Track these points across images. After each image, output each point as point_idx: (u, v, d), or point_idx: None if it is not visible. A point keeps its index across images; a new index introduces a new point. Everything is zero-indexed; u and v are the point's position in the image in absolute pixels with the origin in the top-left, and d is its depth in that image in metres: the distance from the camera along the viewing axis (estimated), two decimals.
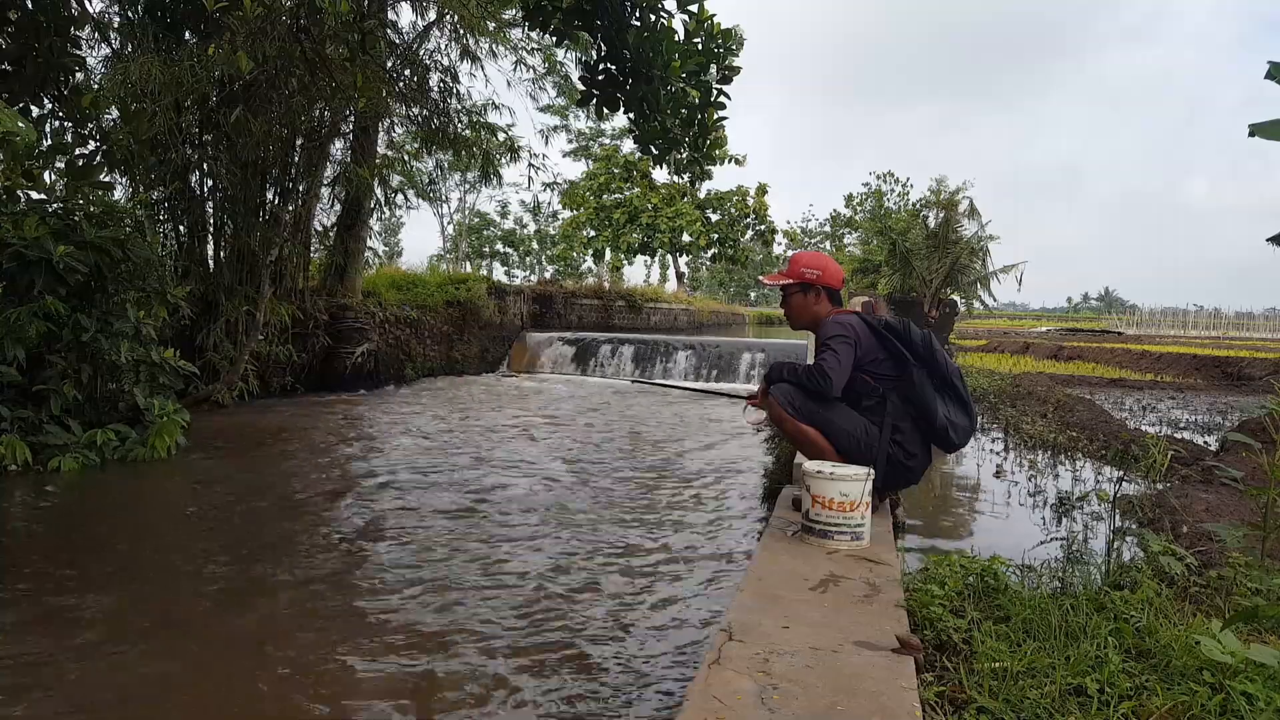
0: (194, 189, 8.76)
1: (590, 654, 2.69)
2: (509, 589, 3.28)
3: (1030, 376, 11.14)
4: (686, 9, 4.83)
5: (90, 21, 8.02)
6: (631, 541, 4.00)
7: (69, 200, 5.69)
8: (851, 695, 1.48)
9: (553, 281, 20.72)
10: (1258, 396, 9.80)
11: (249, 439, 6.73)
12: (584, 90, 5.18)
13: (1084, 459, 5.70)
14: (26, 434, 5.15)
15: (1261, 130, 1.75)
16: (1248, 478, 4.00)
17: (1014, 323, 52.76)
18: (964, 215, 26.15)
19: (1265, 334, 39.94)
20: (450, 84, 10.12)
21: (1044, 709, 1.59)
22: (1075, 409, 7.47)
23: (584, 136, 33.20)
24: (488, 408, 9.03)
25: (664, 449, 6.67)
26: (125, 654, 2.65)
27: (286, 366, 9.61)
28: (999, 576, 2.38)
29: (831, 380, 2.73)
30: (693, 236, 31.09)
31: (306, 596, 3.17)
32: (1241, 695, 1.58)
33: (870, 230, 32.91)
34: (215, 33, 6.66)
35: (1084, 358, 16.69)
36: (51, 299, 5.17)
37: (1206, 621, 1.98)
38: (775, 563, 2.29)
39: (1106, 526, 3.90)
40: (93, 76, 7.87)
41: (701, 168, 6.14)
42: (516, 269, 47.60)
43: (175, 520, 4.40)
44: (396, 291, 12.55)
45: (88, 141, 6.13)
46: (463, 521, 4.26)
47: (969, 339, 27.40)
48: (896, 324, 2.87)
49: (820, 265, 3.00)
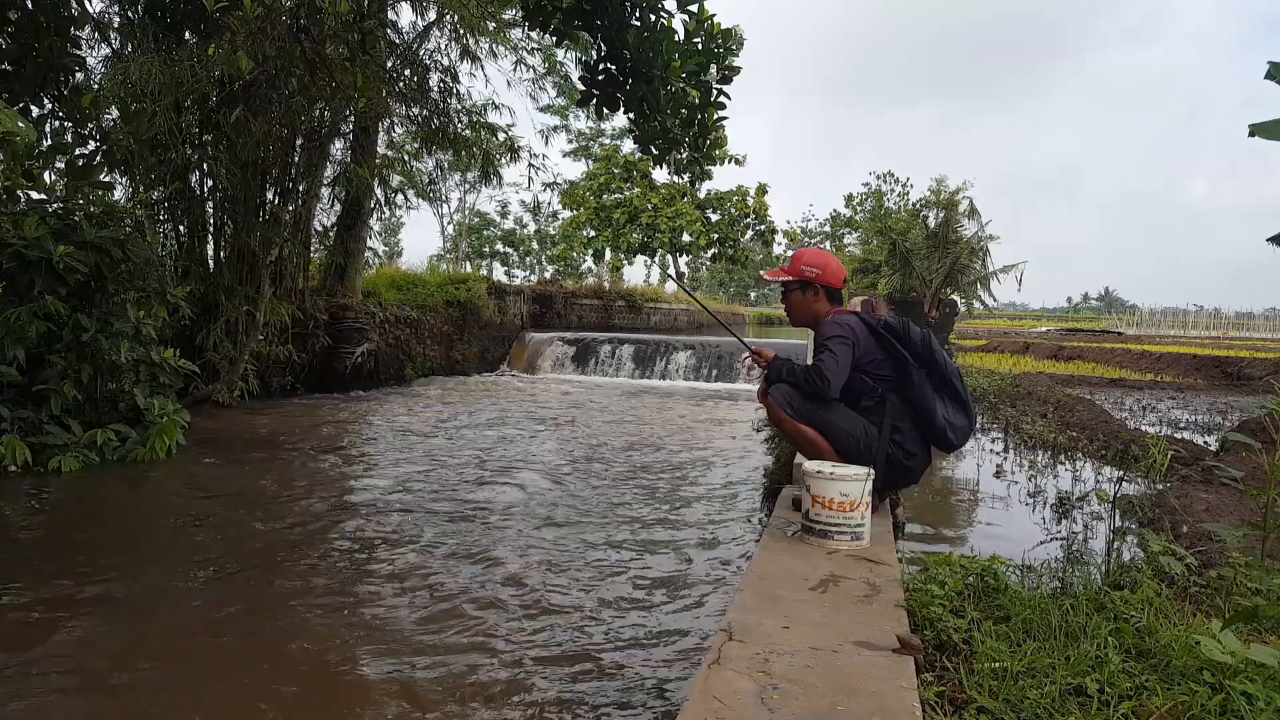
0: (194, 189, 8.76)
1: (590, 654, 2.69)
2: (508, 590, 3.28)
3: (1030, 376, 11.14)
4: (686, 9, 4.83)
5: (90, 21, 8.01)
6: (631, 542, 4.00)
7: (69, 200, 5.69)
8: (851, 695, 1.47)
9: (553, 281, 20.73)
10: (1258, 396, 9.80)
11: (249, 439, 6.73)
12: (584, 90, 5.17)
13: (1084, 459, 5.70)
14: (26, 434, 5.15)
15: (1261, 130, 1.75)
16: (1248, 478, 4.00)
17: (1014, 323, 52.73)
18: (964, 215, 26.15)
19: (1265, 334, 39.93)
20: (450, 84, 10.12)
21: (1044, 709, 1.58)
22: (1075, 409, 7.46)
23: (584, 136, 33.16)
24: (488, 408, 9.02)
25: (664, 449, 6.67)
26: (125, 653, 2.65)
27: (286, 366, 9.61)
28: (999, 576, 2.37)
29: (829, 381, 2.73)
30: (693, 236, 31.07)
31: (307, 598, 3.17)
32: (1241, 695, 1.58)
33: (870, 230, 32.88)
34: (215, 33, 6.65)
35: (1084, 358, 16.68)
36: (51, 299, 5.17)
37: (1206, 621, 1.98)
38: (775, 563, 2.29)
39: (1106, 526, 3.90)
40: (93, 76, 7.87)
41: (701, 168, 6.14)
42: (516, 269, 47.56)
43: (175, 521, 4.39)
44: (396, 291, 12.56)
45: (88, 141, 6.13)
46: (463, 523, 4.26)
47: (969, 339, 27.38)
48: (895, 324, 2.85)
49: (821, 264, 2.99)
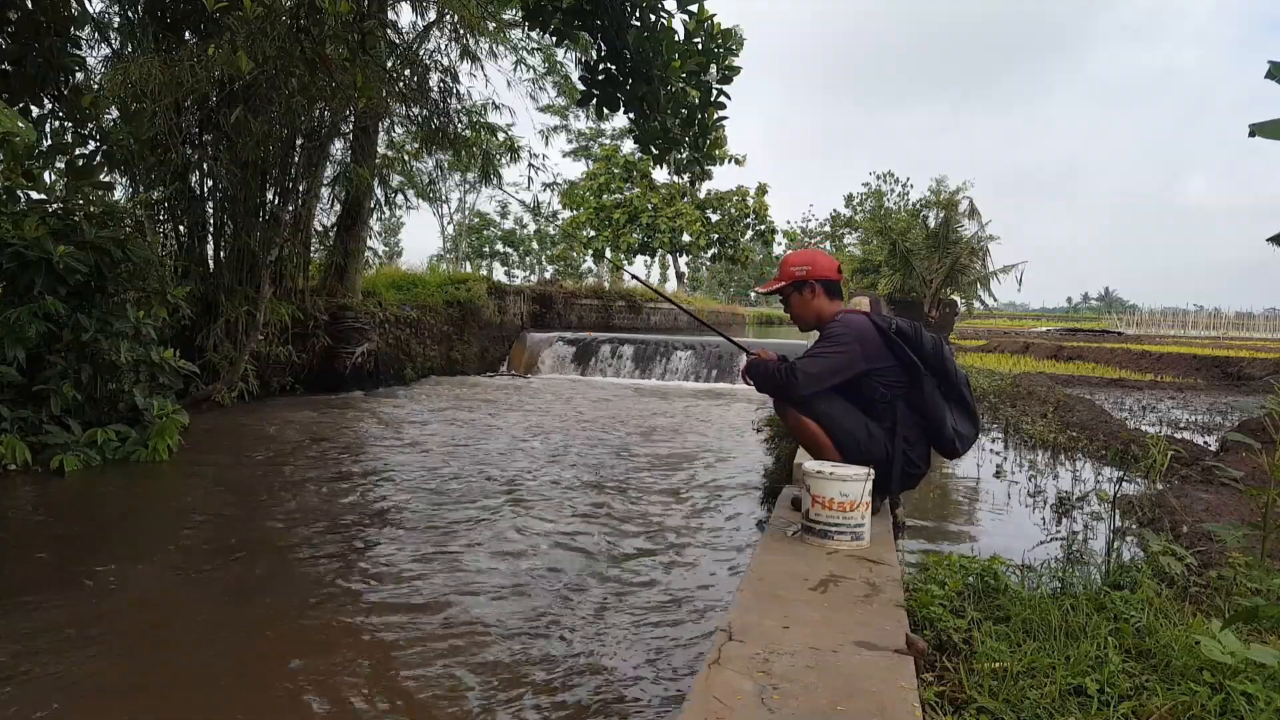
0: (194, 189, 8.75)
1: (590, 654, 2.69)
2: (508, 590, 3.28)
3: (1030, 376, 11.14)
4: (686, 9, 4.83)
5: (90, 21, 8.02)
6: (630, 542, 4.00)
7: (69, 200, 5.69)
8: (852, 695, 1.47)
9: (553, 281, 20.73)
10: (1258, 396, 9.80)
11: (249, 440, 6.73)
12: (584, 90, 5.17)
13: (1084, 459, 5.70)
14: (26, 434, 5.15)
15: (1262, 130, 1.74)
16: (1248, 478, 4.00)
17: (1014, 323, 52.70)
18: (964, 215, 26.19)
19: (1265, 334, 39.90)
20: (450, 84, 10.12)
21: (1044, 709, 1.58)
22: (1075, 409, 7.46)
23: (584, 136, 33.19)
24: (487, 408, 9.02)
25: (663, 449, 6.67)
26: (124, 654, 2.65)
27: (286, 366, 9.60)
28: (999, 576, 2.37)
29: (798, 382, 2.64)
30: (693, 236, 31.10)
31: (306, 598, 3.17)
32: (1241, 695, 1.58)
33: (870, 230, 32.89)
34: (215, 33, 6.65)
35: (1084, 358, 16.68)
36: (51, 299, 5.17)
37: (1206, 621, 1.98)
38: (775, 563, 2.29)
39: (1106, 526, 3.90)
40: (93, 76, 7.86)
41: (701, 168, 6.14)
42: (516, 269, 47.60)
43: (175, 521, 4.39)
44: (396, 291, 12.55)
45: (88, 141, 6.13)
46: (462, 524, 4.26)
47: (969, 339, 27.36)
48: (908, 329, 2.74)
49: (808, 260, 2.89)
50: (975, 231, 26.11)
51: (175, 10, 7.92)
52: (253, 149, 8.10)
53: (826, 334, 2.79)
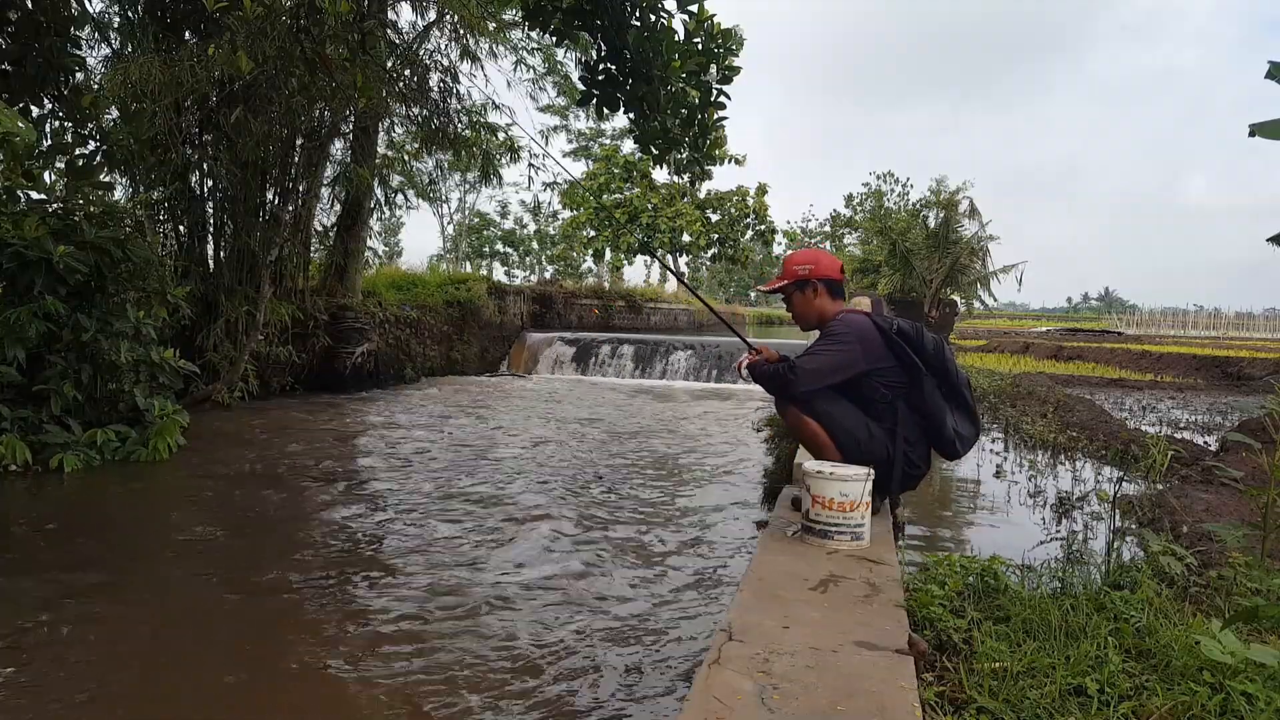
0: (194, 189, 8.76)
1: (590, 654, 2.69)
2: (506, 588, 3.28)
3: (1030, 376, 11.14)
4: (686, 9, 4.82)
5: (90, 21, 8.02)
6: (630, 542, 4.00)
7: (69, 200, 5.69)
8: (852, 695, 1.47)
9: (553, 281, 20.74)
10: (1258, 396, 9.80)
11: (249, 440, 6.73)
12: (584, 90, 5.17)
13: (1084, 459, 5.70)
14: (27, 434, 5.15)
15: (1262, 130, 1.74)
16: (1248, 478, 4.00)
17: (1014, 323, 52.67)
18: (964, 215, 26.18)
19: (1265, 334, 39.89)
20: (450, 84, 10.11)
21: (1044, 709, 1.58)
22: (1075, 409, 7.46)
23: (584, 136, 33.18)
24: (487, 408, 9.02)
25: (663, 449, 6.67)
26: (124, 654, 2.65)
27: (286, 366, 9.61)
28: (999, 576, 2.37)
29: (797, 379, 2.64)
30: (693, 236, 31.07)
31: (306, 597, 3.17)
32: (1241, 695, 1.58)
33: (870, 230, 32.87)
34: (215, 33, 6.66)
35: (1084, 358, 16.68)
36: (51, 299, 5.17)
37: (1206, 621, 1.98)
38: (775, 563, 2.28)
39: (1106, 526, 3.90)
40: (93, 76, 7.86)
41: (701, 168, 6.13)
42: (516, 269, 47.57)
43: (174, 520, 4.39)
44: (396, 291, 12.56)
45: (88, 141, 6.13)
46: (463, 524, 4.26)
47: (969, 339, 27.35)
48: (910, 329, 2.73)
49: (812, 259, 2.88)
50: (975, 231, 26.11)
51: (175, 10, 7.92)
52: (253, 149, 8.10)
53: (827, 332, 2.78)
